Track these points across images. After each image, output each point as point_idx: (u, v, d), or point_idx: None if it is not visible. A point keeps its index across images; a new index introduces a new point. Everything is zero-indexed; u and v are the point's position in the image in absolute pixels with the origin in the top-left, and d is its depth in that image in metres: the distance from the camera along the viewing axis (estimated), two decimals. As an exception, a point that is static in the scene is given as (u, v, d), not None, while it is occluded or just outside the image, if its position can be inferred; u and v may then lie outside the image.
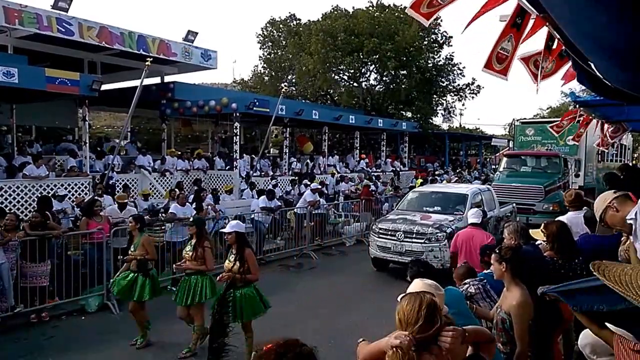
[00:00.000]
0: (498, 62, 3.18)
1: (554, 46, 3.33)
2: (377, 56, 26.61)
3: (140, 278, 5.71)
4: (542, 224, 4.36)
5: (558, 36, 3.04)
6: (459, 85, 29.98)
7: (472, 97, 30.48)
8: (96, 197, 9.07)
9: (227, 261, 5.11)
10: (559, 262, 4.01)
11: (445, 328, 2.08)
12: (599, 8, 1.69)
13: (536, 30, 3.14)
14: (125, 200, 8.75)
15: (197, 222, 5.77)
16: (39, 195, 10.22)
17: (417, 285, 2.52)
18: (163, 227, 8.39)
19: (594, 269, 1.93)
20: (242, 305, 4.98)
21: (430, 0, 2.88)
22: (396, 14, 27.52)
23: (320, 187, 12.66)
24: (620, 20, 1.68)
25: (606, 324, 1.98)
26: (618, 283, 1.77)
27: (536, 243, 4.35)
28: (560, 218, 4.98)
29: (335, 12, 28.74)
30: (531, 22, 3.13)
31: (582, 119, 8.47)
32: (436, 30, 29.04)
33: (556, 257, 4.04)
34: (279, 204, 11.52)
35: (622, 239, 3.42)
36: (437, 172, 22.58)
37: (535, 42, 3.31)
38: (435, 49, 28.97)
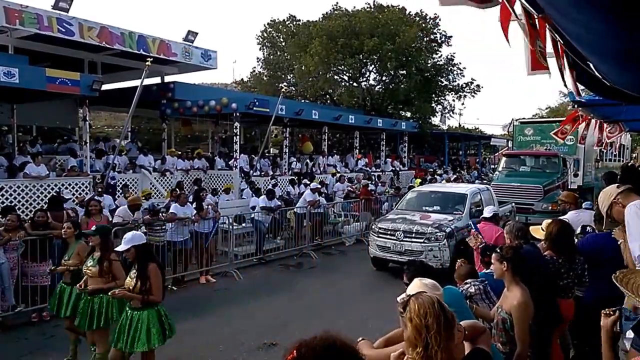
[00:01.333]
0: (544, 59, 3.10)
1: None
2: (377, 56, 26.65)
3: (74, 291, 4.99)
4: (544, 222, 4.39)
5: (558, 37, 3.05)
6: (458, 85, 30.02)
7: (473, 97, 30.52)
8: (96, 197, 9.09)
9: (128, 278, 4.35)
10: (558, 261, 4.04)
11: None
12: (593, 9, 1.72)
13: (542, 32, 3.12)
14: (139, 203, 8.54)
15: (100, 231, 4.86)
16: (40, 194, 10.28)
17: (416, 285, 2.54)
18: (164, 227, 8.41)
19: (616, 280, 1.94)
20: (136, 331, 4.20)
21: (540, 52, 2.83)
22: (396, 14, 27.55)
23: (319, 186, 12.69)
24: (617, 21, 1.71)
25: None
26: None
27: (539, 242, 4.38)
28: (562, 217, 5.02)
29: (336, 12, 28.77)
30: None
31: (582, 120, 8.47)
32: (435, 30, 29.11)
33: (555, 257, 4.06)
34: (279, 203, 11.54)
35: (620, 242, 3.43)
36: (437, 172, 22.59)
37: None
38: (435, 48, 29.00)
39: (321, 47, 25.67)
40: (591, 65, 3.44)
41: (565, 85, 3.73)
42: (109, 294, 4.38)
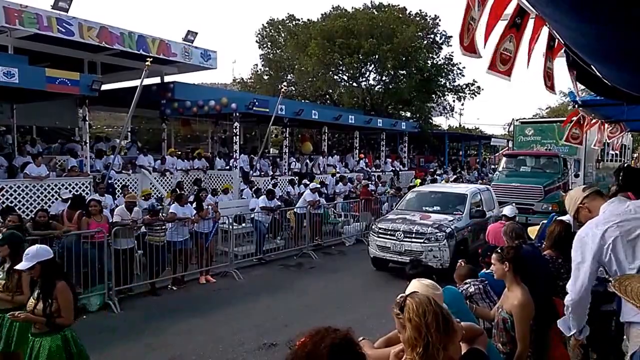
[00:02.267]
0: (502, 63, 3.15)
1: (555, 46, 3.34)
2: (377, 56, 26.63)
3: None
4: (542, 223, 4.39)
5: (558, 36, 3.05)
6: (458, 85, 30.01)
7: (473, 98, 30.48)
8: (97, 197, 9.09)
9: (31, 299, 3.70)
10: (558, 261, 4.04)
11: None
12: (589, 16, 1.71)
13: (538, 31, 3.15)
14: (134, 200, 8.56)
15: (9, 239, 4.24)
16: (40, 195, 10.27)
17: (415, 286, 2.53)
18: (164, 227, 8.41)
19: (614, 286, 1.93)
20: None
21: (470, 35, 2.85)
22: (395, 13, 27.53)
23: (319, 187, 12.68)
24: (612, 25, 1.70)
25: None
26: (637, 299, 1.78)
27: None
28: (562, 218, 5.01)
29: (335, 12, 28.75)
30: (531, 22, 3.15)
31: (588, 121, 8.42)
32: (435, 31, 29.09)
33: (554, 256, 4.07)
34: (279, 203, 11.54)
35: None
36: (437, 172, 22.59)
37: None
38: (435, 49, 29.00)
39: (318, 48, 25.68)
40: (591, 65, 3.44)
41: (547, 88, 3.73)
42: (8, 315, 3.75)
